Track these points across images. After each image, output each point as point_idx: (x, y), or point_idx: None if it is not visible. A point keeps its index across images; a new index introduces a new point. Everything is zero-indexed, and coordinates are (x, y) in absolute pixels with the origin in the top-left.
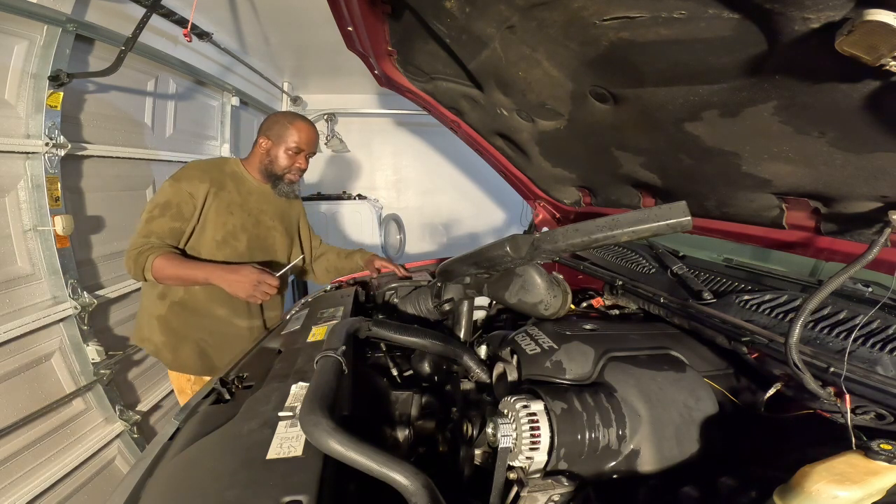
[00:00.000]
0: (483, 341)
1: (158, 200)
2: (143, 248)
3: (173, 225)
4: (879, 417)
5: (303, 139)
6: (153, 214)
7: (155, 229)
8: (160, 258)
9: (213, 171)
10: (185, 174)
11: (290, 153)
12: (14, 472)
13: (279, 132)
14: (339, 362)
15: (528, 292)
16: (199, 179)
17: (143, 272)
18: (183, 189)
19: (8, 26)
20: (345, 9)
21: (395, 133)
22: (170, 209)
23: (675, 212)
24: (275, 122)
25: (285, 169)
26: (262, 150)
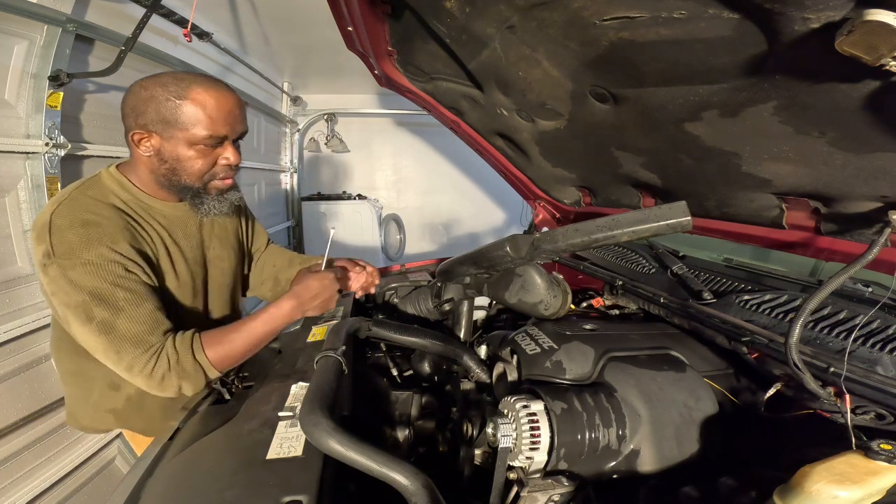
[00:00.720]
0: (483, 341)
1: (79, 298)
2: (164, 359)
3: (147, 308)
4: (879, 417)
5: (216, 118)
6: (101, 320)
7: (134, 330)
8: (207, 346)
9: (101, 217)
10: (70, 242)
11: (203, 147)
12: (14, 472)
13: (166, 117)
14: (339, 362)
15: (528, 292)
16: (104, 237)
17: (204, 373)
18: (95, 262)
19: (8, 26)
20: (345, 9)
21: (395, 133)
22: (113, 297)
23: (675, 212)
24: (149, 100)
25: (204, 175)
26: (148, 153)
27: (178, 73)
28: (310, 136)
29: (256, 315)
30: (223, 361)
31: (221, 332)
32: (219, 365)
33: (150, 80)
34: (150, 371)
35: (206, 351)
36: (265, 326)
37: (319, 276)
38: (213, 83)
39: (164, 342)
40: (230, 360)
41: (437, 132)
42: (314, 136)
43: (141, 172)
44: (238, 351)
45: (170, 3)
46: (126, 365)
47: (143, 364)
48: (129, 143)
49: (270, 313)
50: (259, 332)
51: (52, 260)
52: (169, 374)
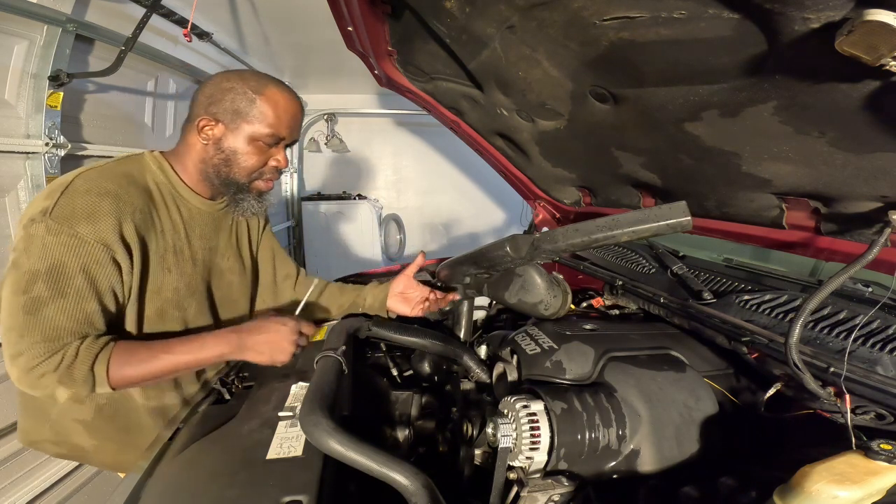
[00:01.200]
0: (483, 341)
1: (34, 266)
2: (61, 360)
3: (86, 308)
4: (879, 417)
5: (283, 119)
6: (35, 296)
7: (56, 323)
8: (115, 361)
9: (125, 193)
10: (74, 207)
11: (261, 144)
12: (14, 472)
13: (239, 108)
14: (339, 362)
15: (528, 292)
16: (110, 214)
17: (94, 387)
18: (84, 238)
19: (8, 26)
20: (345, 9)
21: (395, 133)
22: (68, 280)
23: (676, 212)
24: (227, 90)
25: (253, 172)
26: (206, 141)
27: (259, 72)
28: (310, 136)
29: (186, 342)
30: (122, 381)
31: (135, 351)
32: (116, 384)
33: (232, 73)
34: (32, 365)
35: (111, 366)
36: (189, 357)
37: (277, 322)
38: (287, 88)
39: (73, 342)
40: (131, 382)
41: (437, 132)
42: (314, 136)
43: (187, 161)
44: (145, 376)
45: (170, 3)
46: (15, 351)
47: (33, 356)
48: (185, 131)
49: (202, 344)
50: (179, 363)
51: (44, 219)
52: (50, 375)
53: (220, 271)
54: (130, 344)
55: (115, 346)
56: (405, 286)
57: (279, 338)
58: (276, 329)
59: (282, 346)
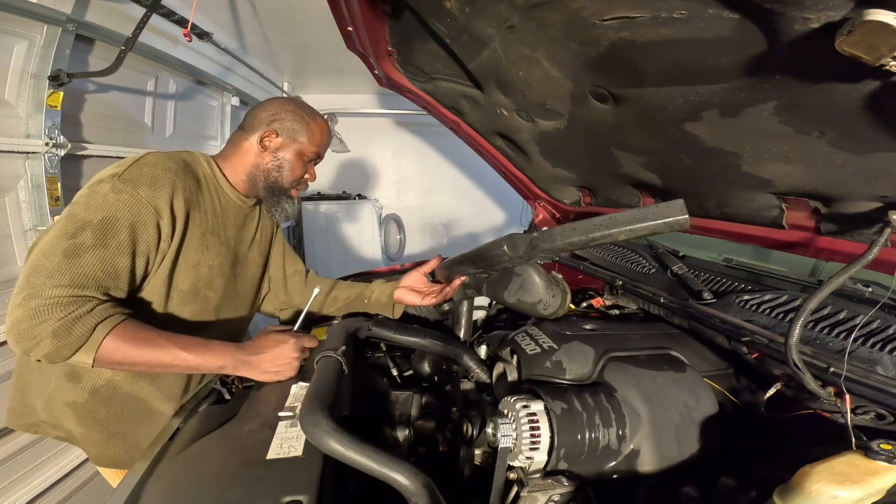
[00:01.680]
0: (483, 341)
1: (89, 217)
2: (76, 308)
3: (119, 263)
4: (879, 417)
5: (324, 143)
6: (80, 242)
7: (88, 271)
8: (119, 331)
9: (183, 173)
10: (141, 173)
11: (306, 161)
12: (14, 472)
13: (295, 128)
14: (339, 362)
15: (526, 292)
16: (169, 185)
17: (78, 351)
18: (142, 199)
19: (8, 26)
20: (345, 9)
21: (395, 133)
22: (114, 234)
23: (673, 210)
24: (288, 112)
25: (295, 181)
26: (264, 149)
27: (305, 103)
28: None
29: (193, 340)
30: (111, 356)
31: (140, 330)
32: (105, 356)
33: (290, 100)
34: (42, 307)
35: (111, 334)
36: (189, 356)
37: (278, 339)
38: (325, 118)
39: (92, 299)
40: (121, 362)
41: (437, 132)
42: None
43: (237, 164)
44: (139, 362)
45: (170, 3)
46: (32, 292)
47: (49, 300)
48: (239, 138)
49: (207, 348)
50: (178, 359)
51: (113, 180)
52: (50, 324)
53: (245, 260)
54: (143, 328)
55: (131, 322)
56: (415, 281)
57: (283, 354)
58: (279, 346)
59: (286, 363)
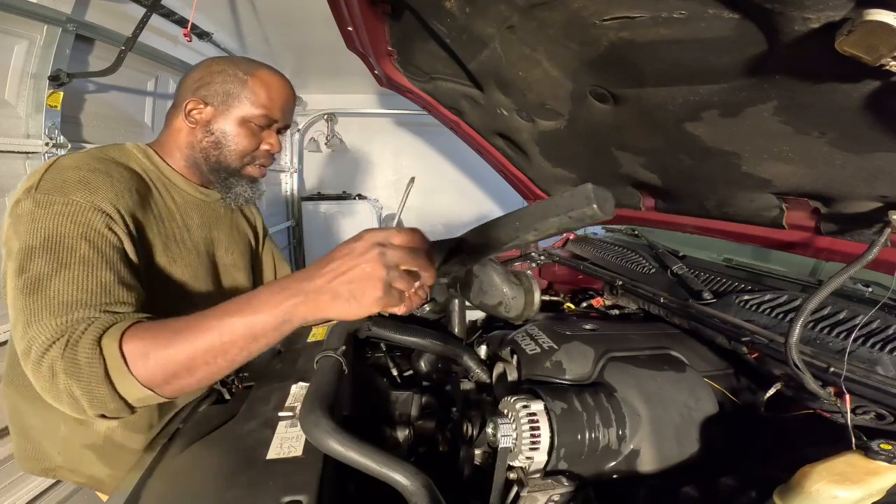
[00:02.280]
0: (483, 341)
1: (27, 244)
2: (69, 336)
3: (100, 277)
4: (879, 417)
5: (275, 100)
6: (33, 274)
7: (63, 297)
8: (134, 335)
9: (117, 173)
10: (64, 178)
11: (253, 126)
12: (14, 472)
13: (228, 90)
14: (339, 362)
15: (486, 294)
16: (105, 188)
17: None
18: (78, 203)
19: (8, 26)
20: (345, 9)
21: (395, 133)
22: (69, 251)
23: (578, 200)
24: (216, 72)
25: (245, 156)
26: (193, 124)
27: (249, 58)
28: (310, 136)
29: (226, 304)
30: (153, 369)
31: (163, 323)
32: (147, 374)
33: (222, 58)
34: (41, 353)
35: (127, 340)
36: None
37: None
38: (278, 72)
39: (94, 321)
40: (173, 373)
41: (437, 132)
42: (314, 135)
43: (172, 147)
44: (186, 359)
45: (170, 3)
46: (25, 345)
47: (42, 343)
48: (170, 117)
49: (248, 301)
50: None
51: (31, 194)
52: (59, 363)
53: (225, 266)
54: (154, 319)
55: (138, 321)
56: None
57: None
58: (356, 255)
59: (373, 278)
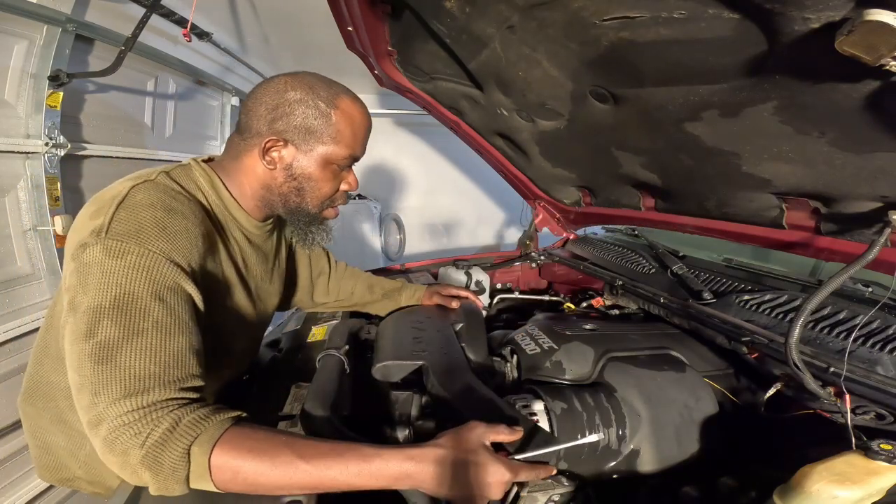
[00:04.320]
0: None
1: (96, 301)
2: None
3: (174, 345)
4: (879, 417)
5: (359, 136)
6: (102, 340)
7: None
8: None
9: (192, 214)
10: (139, 220)
11: (336, 168)
12: (14, 472)
13: (311, 126)
14: (341, 361)
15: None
16: (184, 234)
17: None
18: (155, 256)
19: (8, 26)
20: (345, 9)
21: (395, 133)
22: (142, 313)
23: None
24: (296, 102)
25: (326, 200)
26: (273, 166)
27: (325, 78)
28: None
29: (340, 446)
30: (234, 482)
31: (260, 439)
32: (227, 484)
33: (296, 80)
34: (114, 436)
35: (217, 457)
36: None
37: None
38: (358, 98)
39: (171, 404)
40: (243, 483)
41: (437, 132)
42: None
43: (244, 183)
44: (263, 481)
45: (170, 3)
46: (94, 416)
47: (114, 423)
48: (238, 147)
49: (369, 466)
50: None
51: (101, 239)
52: (135, 453)
53: (267, 294)
54: (247, 427)
55: (232, 427)
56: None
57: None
58: (494, 473)
59: (486, 488)
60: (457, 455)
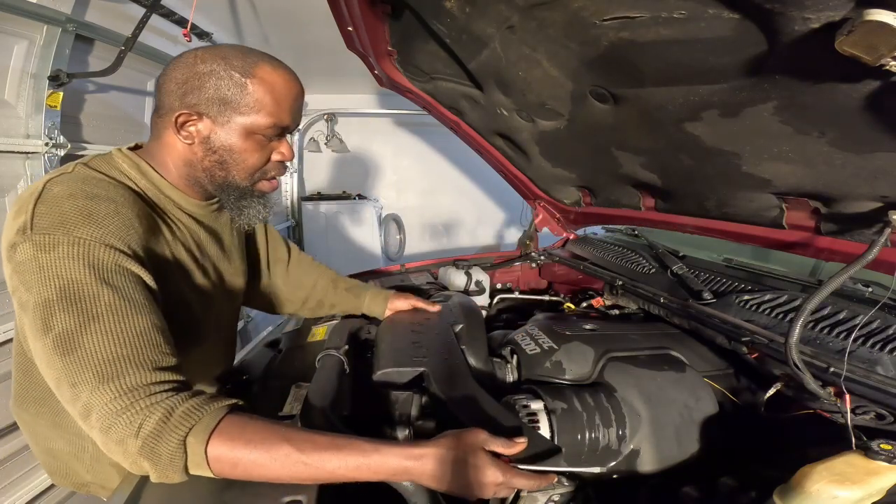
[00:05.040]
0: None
1: (42, 297)
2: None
3: (132, 325)
4: (879, 417)
5: (283, 103)
6: (60, 332)
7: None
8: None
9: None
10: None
11: (261, 138)
12: (14, 472)
13: (226, 97)
14: (341, 361)
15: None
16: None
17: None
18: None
19: (8, 26)
20: (345, 9)
21: (395, 133)
22: (92, 299)
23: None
24: (206, 73)
25: (255, 172)
26: (189, 140)
27: (242, 47)
28: (310, 136)
29: (344, 439)
30: (233, 472)
31: (258, 429)
32: (226, 473)
33: (208, 52)
34: (108, 423)
35: (214, 447)
36: (342, 469)
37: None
38: (280, 63)
39: (160, 391)
40: (242, 470)
41: (437, 132)
42: (314, 136)
43: (167, 162)
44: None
45: (170, 3)
46: (82, 407)
47: (103, 411)
48: (157, 127)
49: (367, 461)
50: (323, 470)
51: (28, 236)
52: (131, 442)
53: (229, 275)
54: (249, 416)
55: (228, 416)
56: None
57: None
58: (485, 472)
59: (480, 484)
60: (456, 455)
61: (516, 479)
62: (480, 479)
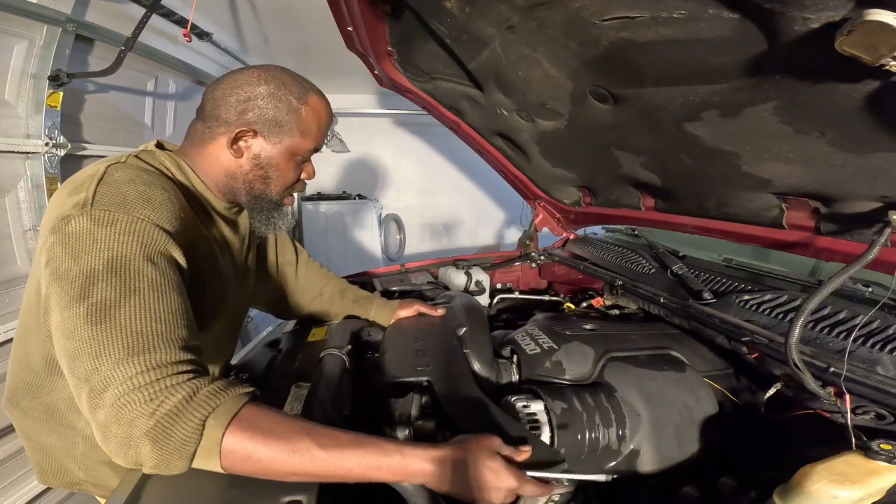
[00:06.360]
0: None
1: (87, 265)
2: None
3: (172, 302)
4: (879, 417)
5: (322, 129)
6: (98, 300)
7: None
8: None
9: (172, 190)
10: (122, 192)
11: (299, 159)
12: (14, 472)
13: (280, 119)
14: (343, 361)
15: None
16: (167, 207)
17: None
18: (143, 221)
19: (8, 26)
20: (345, 9)
21: (395, 133)
22: (137, 274)
23: None
24: (267, 95)
25: (287, 188)
26: (239, 155)
27: (294, 74)
28: None
29: (366, 444)
30: (244, 464)
31: (276, 419)
32: (235, 465)
33: (269, 74)
34: (124, 400)
35: (231, 434)
36: (361, 468)
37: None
38: (322, 93)
39: (186, 371)
40: (254, 466)
41: (437, 132)
42: None
43: (208, 169)
44: (274, 469)
45: (170, 3)
46: (98, 383)
47: (120, 385)
48: (202, 134)
49: (388, 460)
50: (341, 468)
51: (87, 210)
52: (143, 422)
53: (244, 273)
54: (268, 407)
55: (249, 402)
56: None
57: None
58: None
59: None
60: (475, 458)
61: (528, 485)
62: (497, 484)
